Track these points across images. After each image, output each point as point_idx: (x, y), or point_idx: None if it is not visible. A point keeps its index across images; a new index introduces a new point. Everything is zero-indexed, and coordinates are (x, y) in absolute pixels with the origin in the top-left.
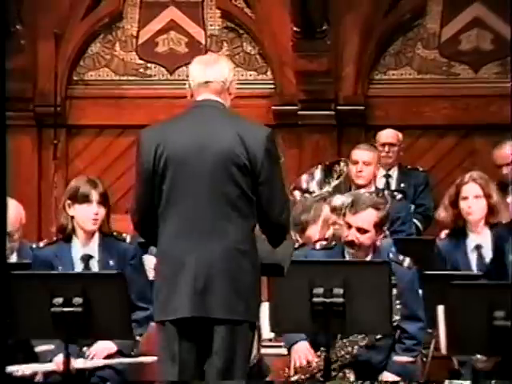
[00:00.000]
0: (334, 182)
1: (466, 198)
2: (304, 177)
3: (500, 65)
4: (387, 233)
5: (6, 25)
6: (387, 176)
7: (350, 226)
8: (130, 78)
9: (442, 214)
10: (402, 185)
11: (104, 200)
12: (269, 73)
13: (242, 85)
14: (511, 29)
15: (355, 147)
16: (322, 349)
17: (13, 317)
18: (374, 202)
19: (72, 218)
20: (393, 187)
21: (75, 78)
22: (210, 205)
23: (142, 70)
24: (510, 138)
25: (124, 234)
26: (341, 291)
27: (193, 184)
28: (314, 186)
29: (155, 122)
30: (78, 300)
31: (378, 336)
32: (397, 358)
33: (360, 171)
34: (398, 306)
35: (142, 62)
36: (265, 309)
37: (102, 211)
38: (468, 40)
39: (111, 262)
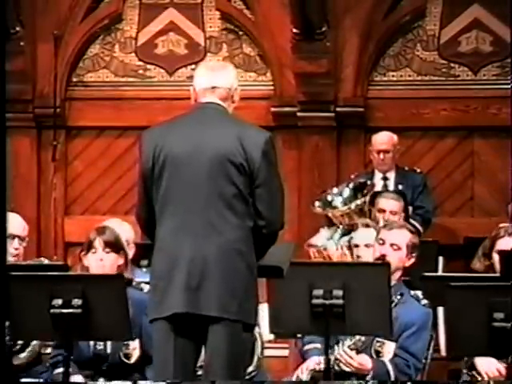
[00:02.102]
0: (357, 202)
1: None
2: (335, 190)
3: (499, 66)
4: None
5: (6, 27)
6: (384, 178)
7: (383, 243)
8: (130, 79)
9: (477, 265)
10: (400, 187)
11: (114, 247)
12: (268, 74)
13: (241, 86)
14: (511, 30)
15: (381, 195)
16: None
17: (12, 318)
18: (407, 225)
19: (87, 269)
20: (391, 189)
21: (74, 80)
22: (206, 204)
23: (141, 72)
24: (510, 139)
25: (142, 284)
26: (340, 293)
27: (190, 183)
28: (338, 202)
29: (154, 123)
30: (77, 301)
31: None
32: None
33: (387, 220)
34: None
35: (141, 63)
36: (264, 310)
37: (111, 258)
38: (467, 41)
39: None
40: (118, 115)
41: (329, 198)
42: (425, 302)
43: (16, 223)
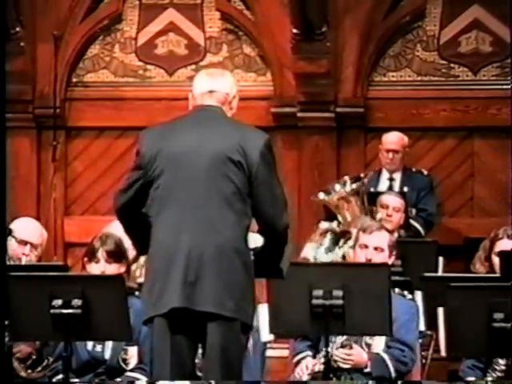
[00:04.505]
0: (352, 186)
1: None
2: (337, 186)
3: (499, 67)
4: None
5: (6, 27)
6: (390, 179)
7: (366, 247)
8: (130, 79)
9: (480, 268)
10: (405, 188)
11: (116, 257)
12: (268, 75)
13: (241, 87)
14: (510, 31)
15: (385, 192)
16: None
17: (12, 318)
18: (383, 225)
19: None
20: (396, 189)
21: (74, 80)
22: (204, 201)
23: (141, 72)
24: (510, 139)
25: None
26: (340, 293)
27: (188, 180)
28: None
29: (154, 123)
30: (77, 302)
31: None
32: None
33: (389, 215)
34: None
35: (141, 63)
36: (264, 310)
37: (112, 268)
38: (467, 42)
39: None
40: (118, 115)
41: (332, 193)
42: (410, 297)
43: (31, 229)
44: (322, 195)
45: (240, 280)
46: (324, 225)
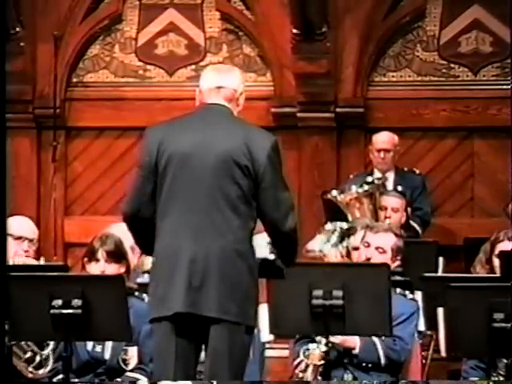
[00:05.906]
0: (364, 187)
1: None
2: (353, 188)
3: (499, 67)
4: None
5: (6, 27)
6: (383, 179)
7: (368, 246)
8: (130, 79)
9: (481, 271)
10: (399, 188)
11: (116, 257)
12: (268, 75)
13: None
14: (511, 31)
15: (384, 193)
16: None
17: (12, 318)
18: (393, 228)
19: None
20: (389, 189)
21: (74, 80)
22: (209, 203)
23: (141, 72)
24: (510, 139)
25: (144, 295)
26: (340, 293)
27: (194, 181)
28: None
29: (154, 123)
30: (77, 302)
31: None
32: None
33: (388, 217)
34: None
35: (141, 63)
36: (264, 311)
37: (112, 268)
38: (467, 42)
39: None
40: (118, 116)
41: (346, 193)
42: (411, 296)
43: (24, 225)
44: (334, 192)
45: (244, 283)
46: (329, 226)
